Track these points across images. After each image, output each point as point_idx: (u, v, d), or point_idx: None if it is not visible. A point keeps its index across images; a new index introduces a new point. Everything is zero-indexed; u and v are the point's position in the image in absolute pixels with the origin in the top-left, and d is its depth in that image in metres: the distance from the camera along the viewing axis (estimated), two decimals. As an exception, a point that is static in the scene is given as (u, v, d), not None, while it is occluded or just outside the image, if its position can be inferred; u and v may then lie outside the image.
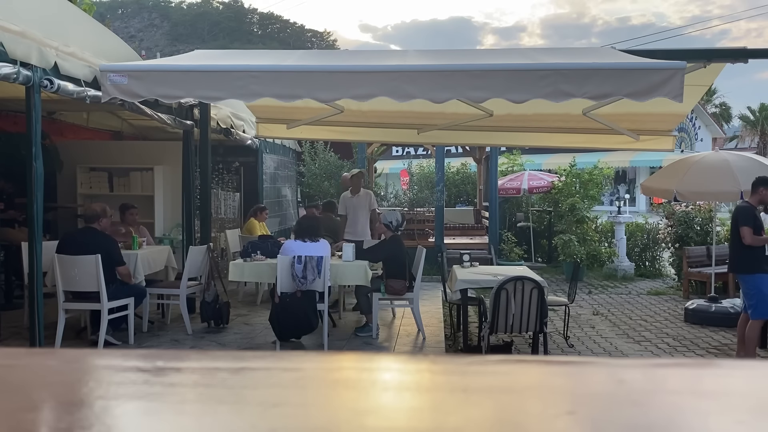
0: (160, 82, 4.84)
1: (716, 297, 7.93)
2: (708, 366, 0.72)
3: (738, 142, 36.02)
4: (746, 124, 36.22)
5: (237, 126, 8.96)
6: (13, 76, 4.42)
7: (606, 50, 6.24)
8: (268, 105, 6.69)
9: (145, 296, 6.52)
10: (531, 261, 12.41)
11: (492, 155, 12.56)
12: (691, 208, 11.15)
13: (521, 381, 0.66)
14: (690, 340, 6.98)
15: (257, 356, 0.71)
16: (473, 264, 6.98)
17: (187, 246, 7.25)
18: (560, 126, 7.71)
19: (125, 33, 58.34)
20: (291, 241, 6.30)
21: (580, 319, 7.93)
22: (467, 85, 4.72)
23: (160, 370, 0.66)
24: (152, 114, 6.52)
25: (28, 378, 0.65)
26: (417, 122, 7.91)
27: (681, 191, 7.72)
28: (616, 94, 4.63)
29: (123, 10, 73.60)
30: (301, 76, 4.83)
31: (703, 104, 30.33)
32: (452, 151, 19.42)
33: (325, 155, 12.38)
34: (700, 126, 30.04)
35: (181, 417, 0.57)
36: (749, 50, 5.99)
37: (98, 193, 9.55)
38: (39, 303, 5.00)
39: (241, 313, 7.73)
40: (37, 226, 4.90)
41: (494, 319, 5.69)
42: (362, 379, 0.69)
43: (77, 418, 0.55)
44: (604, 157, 15.63)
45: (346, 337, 6.67)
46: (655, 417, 0.56)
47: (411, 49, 6.43)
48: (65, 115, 8.88)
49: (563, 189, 12.27)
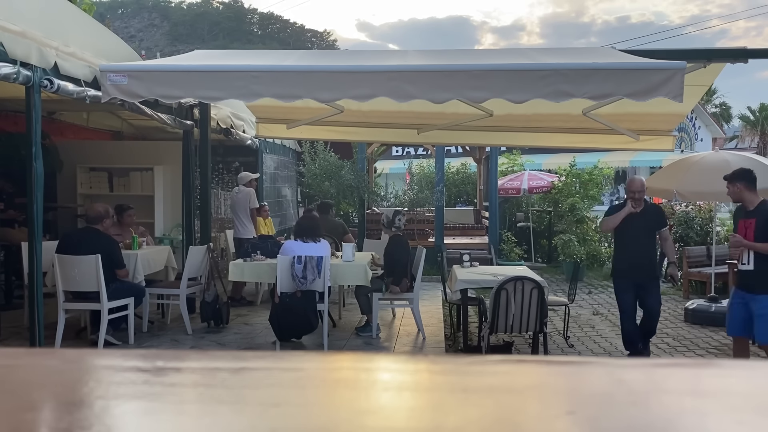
0: (160, 82, 4.84)
1: (716, 297, 7.92)
2: (708, 366, 0.72)
3: (738, 142, 36.00)
4: (746, 124, 36.20)
5: (237, 126, 8.96)
6: (13, 76, 4.42)
7: (606, 50, 6.24)
8: (268, 105, 6.68)
9: (144, 296, 6.53)
10: (531, 261, 12.40)
11: (492, 155, 12.56)
12: (691, 208, 11.15)
13: (521, 381, 0.66)
14: (690, 340, 6.98)
15: (257, 356, 0.71)
16: (473, 264, 6.98)
17: (187, 246, 7.25)
18: (560, 126, 7.70)
19: (125, 33, 58.33)
20: (291, 242, 6.30)
21: (580, 319, 7.93)
22: (467, 85, 4.72)
23: (160, 370, 0.66)
24: (152, 114, 6.52)
25: (28, 378, 0.65)
26: (417, 122, 7.91)
27: (681, 191, 7.72)
28: (616, 94, 4.63)
29: (123, 10, 73.60)
30: (301, 76, 4.83)
31: (703, 104, 30.32)
32: (452, 151, 19.41)
33: (325, 155, 12.38)
34: (700, 126, 30.01)
35: (181, 417, 0.57)
36: (749, 50, 5.98)
37: (98, 193, 9.55)
38: (39, 303, 5.00)
39: (241, 313, 7.73)
40: (37, 226, 4.90)
41: (494, 319, 5.69)
42: (362, 379, 0.69)
43: (77, 418, 0.55)
44: (604, 157, 15.61)
45: (346, 337, 6.67)
46: (654, 417, 0.56)
47: (411, 50, 6.43)
48: (65, 115, 8.88)
49: (563, 189, 12.27)
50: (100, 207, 6.37)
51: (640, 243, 5.92)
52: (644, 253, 5.97)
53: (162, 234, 9.30)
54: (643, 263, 5.93)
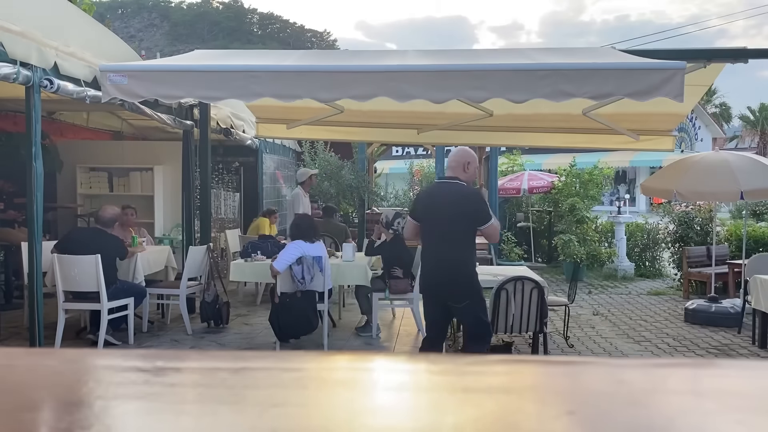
0: (160, 82, 4.84)
1: (716, 297, 7.92)
2: (708, 366, 0.72)
3: (738, 142, 36.02)
4: (746, 124, 36.22)
5: (237, 126, 8.96)
6: (13, 76, 4.42)
7: (606, 50, 6.24)
8: (268, 105, 6.68)
9: (145, 296, 6.53)
10: (531, 261, 12.40)
11: (492, 155, 12.56)
12: (691, 208, 11.15)
13: (521, 381, 0.66)
14: (690, 340, 6.98)
15: (257, 356, 0.71)
16: (473, 264, 6.97)
17: (187, 246, 7.25)
18: (560, 126, 7.70)
19: (125, 33, 58.31)
20: (300, 242, 6.16)
21: (580, 319, 7.93)
22: (467, 85, 4.71)
23: (160, 370, 0.66)
24: (152, 114, 6.52)
25: (28, 378, 0.65)
26: (417, 122, 7.91)
27: (681, 191, 7.72)
28: (616, 94, 4.63)
29: (123, 10, 73.55)
30: (301, 76, 4.83)
31: (703, 104, 30.34)
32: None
33: (325, 155, 12.38)
34: (700, 126, 30.03)
35: (181, 417, 0.57)
36: (749, 50, 5.99)
37: (98, 193, 9.56)
38: (39, 303, 5.00)
39: (241, 313, 7.73)
40: (37, 226, 4.90)
41: (494, 319, 5.69)
42: (362, 379, 0.69)
43: (77, 418, 0.55)
44: (604, 157, 15.61)
45: (346, 337, 6.67)
46: (655, 417, 0.56)
47: (411, 49, 6.43)
48: (65, 115, 8.88)
49: (563, 189, 12.27)
50: (112, 210, 6.40)
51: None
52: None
53: (162, 234, 9.30)
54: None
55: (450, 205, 4.45)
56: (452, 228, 4.44)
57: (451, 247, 4.48)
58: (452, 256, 4.49)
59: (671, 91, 4.36)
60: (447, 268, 4.52)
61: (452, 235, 4.46)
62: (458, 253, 4.49)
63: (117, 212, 6.41)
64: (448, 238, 4.47)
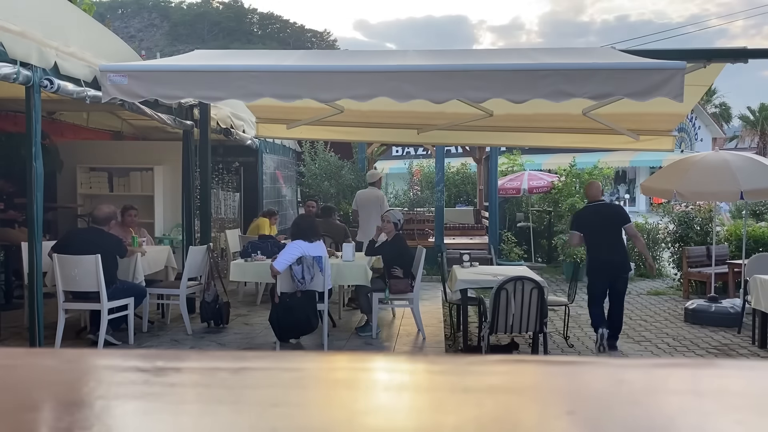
0: (160, 82, 4.84)
1: (716, 297, 7.92)
2: (708, 366, 0.72)
3: (738, 142, 36.00)
4: (746, 124, 36.21)
5: (237, 126, 8.96)
6: (13, 76, 4.42)
7: (606, 50, 6.24)
8: (268, 105, 6.68)
9: (145, 296, 6.52)
10: (531, 261, 12.40)
11: (492, 155, 12.56)
12: (691, 208, 11.15)
13: (521, 381, 0.66)
14: (690, 340, 6.98)
15: (257, 356, 0.71)
16: (473, 264, 6.98)
17: (187, 246, 7.25)
18: (560, 126, 7.71)
19: (125, 33, 58.33)
20: (300, 242, 6.16)
21: (580, 319, 7.92)
22: (467, 85, 4.71)
23: (160, 370, 0.66)
24: (152, 114, 6.52)
25: (28, 378, 0.65)
26: (417, 122, 7.91)
27: (681, 191, 7.72)
28: (616, 94, 4.63)
29: (123, 10, 73.58)
30: (301, 76, 4.83)
31: (703, 104, 30.33)
32: (452, 151, 19.41)
33: (325, 155, 12.39)
34: (700, 126, 30.02)
35: (181, 417, 0.57)
36: (749, 50, 5.99)
37: (98, 193, 9.56)
38: (39, 303, 5.00)
39: (241, 313, 7.73)
40: (37, 226, 4.90)
41: (494, 319, 5.69)
42: (362, 379, 0.69)
43: (77, 418, 0.55)
44: (604, 157, 15.61)
45: (346, 337, 6.67)
46: (655, 417, 0.56)
47: (411, 49, 6.43)
48: (65, 115, 8.88)
49: (563, 189, 12.27)
50: (107, 208, 6.37)
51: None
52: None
53: (162, 234, 9.30)
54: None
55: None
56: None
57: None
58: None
59: (671, 91, 4.36)
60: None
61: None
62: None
63: (113, 210, 6.38)
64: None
